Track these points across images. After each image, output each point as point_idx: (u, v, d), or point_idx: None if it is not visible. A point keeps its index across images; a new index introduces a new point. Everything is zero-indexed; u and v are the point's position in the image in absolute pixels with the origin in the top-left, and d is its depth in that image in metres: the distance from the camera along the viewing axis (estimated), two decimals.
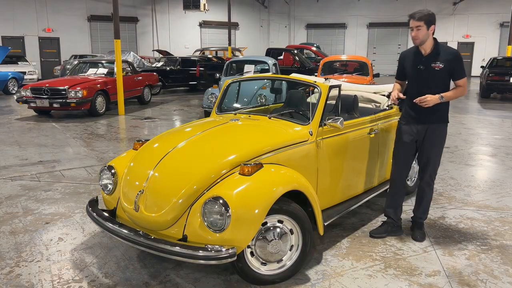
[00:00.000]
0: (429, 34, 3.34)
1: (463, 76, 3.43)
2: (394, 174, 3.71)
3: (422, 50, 3.43)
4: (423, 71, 3.42)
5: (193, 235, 2.70)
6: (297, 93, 4.39)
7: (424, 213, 3.69)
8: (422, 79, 3.43)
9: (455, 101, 14.01)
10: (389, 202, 3.73)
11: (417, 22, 3.30)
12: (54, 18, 23.79)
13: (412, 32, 3.34)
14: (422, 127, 3.49)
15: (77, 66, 12.19)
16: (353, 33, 29.43)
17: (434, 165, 3.56)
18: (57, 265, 3.19)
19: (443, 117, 3.52)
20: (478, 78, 21.14)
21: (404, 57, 3.62)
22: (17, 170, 5.74)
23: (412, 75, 3.53)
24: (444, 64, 3.35)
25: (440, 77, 3.39)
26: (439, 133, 3.50)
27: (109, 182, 3.27)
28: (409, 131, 3.55)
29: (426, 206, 3.67)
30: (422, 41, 3.35)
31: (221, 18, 27.51)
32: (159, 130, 8.80)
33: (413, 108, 3.49)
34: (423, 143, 3.52)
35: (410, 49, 3.60)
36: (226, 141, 3.27)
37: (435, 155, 3.53)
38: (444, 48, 3.42)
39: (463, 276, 3.05)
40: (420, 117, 3.48)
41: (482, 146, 7.36)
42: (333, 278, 3.01)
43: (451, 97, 3.42)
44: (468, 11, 26.96)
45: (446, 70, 3.36)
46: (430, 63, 3.38)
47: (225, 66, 10.50)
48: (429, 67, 3.38)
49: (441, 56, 3.37)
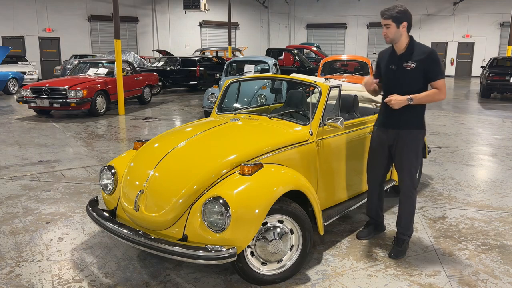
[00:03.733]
0: (401, 32, 3.13)
1: (439, 77, 3.11)
2: (368, 177, 3.58)
3: (397, 49, 3.23)
4: (395, 71, 3.21)
5: (193, 235, 2.70)
6: (297, 93, 4.39)
7: (406, 229, 3.35)
8: (393, 79, 3.23)
9: (456, 101, 14.02)
10: (369, 204, 3.66)
11: (385, 21, 3.13)
12: (54, 18, 23.80)
13: (383, 30, 3.18)
14: (393, 132, 3.27)
15: (77, 66, 12.19)
16: (353, 33, 29.43)
17: (409, 173, 3.26)
18: (57, 265, 3.19)
19: (415, 122, 3.23)
20: (478, 78, 21.16)
21: (380, 56, 3.45)
22: (17, 170, 5.74)
23: (385, 76, 3.33)
24: (416, 64, 3.11)
25: (412, 77, 3.15)
26: (411, 140, 3.22)
27: (109, 182, 3.27)
28: (380, 135, 3.37)
29: (407, 222, 3.33)
30: (392, 39, 3.16)
31: (221, 18, 27.52)
32: (159, 130, 8.80)
33: (385, 111, 3.30)
34: (395, 149, 3.29)
35: (387, 48, 3.38)
36: (226, 141, 3.27)
37: (409, 163, 3.24)
38: (418, 47, 3.18)
39: (463, 276, 3.05)
40: (390, 121, 3.28)
41: (482, 146, 7.36)
42: (333, 278, 3.01)
43: (422, 99, 3.12)
44: (468, 11, 26.95)
45: (419, 70, 3.11)
46: (402, 62, 3.17)
47: (225, 66, 10.50)
48: (401, 67, 3.17)
49: (414, 55, 3.14)
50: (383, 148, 3.39)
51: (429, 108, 11.56)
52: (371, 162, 3.56)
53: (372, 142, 3.53)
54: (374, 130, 3.51)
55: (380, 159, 3.44)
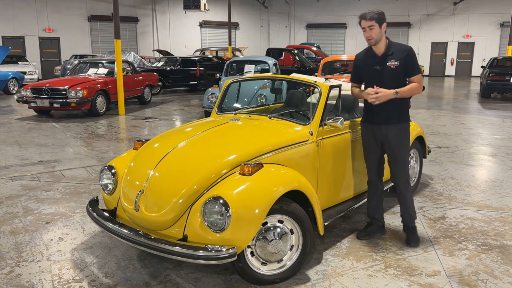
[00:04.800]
0: (382, 32, 3.32)
1: (417, 72, 3.37)
2: (369, 176, 3.67)
3: (376, 50, 3.40)
4: (380, 71, 3.37)
5: (193, 235, 2.71)
6: (297, 93, 4.39)
7: (411, 216, 3.57)
8: (379, 78, 3.37)
9: (456, 101, 14.03)
10: (369, 204, 3.71)
11: (369, 22, 3.28)
12: (55, 18, 23.80)
13: (366, 32, 3.33)
14: (383, 127, 3.43)
15: (78, 66, 12.20)
16: (353, 33, 29.40)
17: (403, 164, 3.49)
18: (58, 265, 3.19)
19: (403, 116, 3.45)
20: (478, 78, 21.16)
21: (359, 59, 3.58)
22: (17, 170, 5.74)
23: (369, 76, 3.47)
24: (399, 62, 3.32)
25: (396, 75, 3.35)
26: (400, 133, 3.43)
27: (110, 182, 3.28)
28: (370, 132, 3.51)
29: (410, 209, 3.57)
30: (376, 40, 3.32)
31: (221, 18, 27.52)
32: (159, 130, 8.80)
33: (372, 109, 3.43)
34: (386, 144, 3.46)
35: (363, 50, 3.57)
36: (226, 141, 3.27)
37: (401, 155, 3.46)
38: (397, 45, 3.41)
39: (464, 276, 3.05)
40: (379, 118, 3.42)
41: (482, 146, 7.36)
42: (333, 278, 3.01)
43: (406, 92, 3.33)
44: (468, 11, 26.95)
45: (401, 67, 3.33)
46: (386, 62, 3.35)
47: (225, 66, 10.51)
48: (385, 66, 3.35)
49: (395, 54, 3.34)
50: (376, 142, 3.52)
51: (429, 108, 11.55)
52: (368, 160, 3.64)
53: (364, 140, 3.62)
54: (363, 127, 3.60)
55: (377, 155, 3.57)
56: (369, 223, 3.76)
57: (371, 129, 3.51)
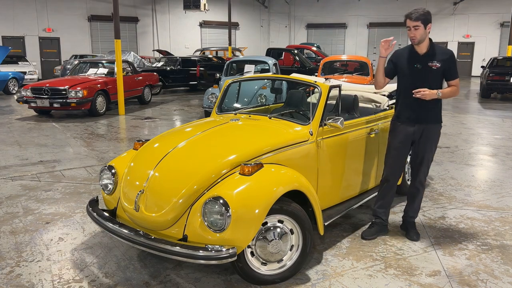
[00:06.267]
0: (426, 33, 3.36)
1: (457, 76, 3.47)
2: (388, 175, 3.67)
3: (418, 49, 3.44)
4: (420, 70, 3.43)
5: (193, 235, 2.70)
6: (297, 93, 4.39)
7: (416, 212, 3.71)
8: (418, 77, 3.43)
9: (456, 101, 14.02)
10: (380, 203, 3.71)
11: (415, 22, 3.31)
12: (55, 18, 23.80)
13: (410, 32, 3.35)
14: (419, 127, 3.49)
15: (78, 66, 12.19)
16: (353, 33, 29.42)
17: (428, 164, 3.59)
18: (58, 265, 3.19)
19: (438, 117, 3.54)
20: (478, 78, 21.16)
21: (398, 55, 3.59)
22: (17, 170, 5.74)
23: (408, 74, 3.50)
24: (440, 64, 3.38)
25: (435, 76, 3.42)
26: (435, 133, 3.52)
27: (110, 182, 3.27)
28: (405, 131, 3.54)
29: (418, 205, 3.70)
30: (420, 40, 3.36)
31: (221, 18, 27.51)
32: (159, 130, 8.80)
33: (409, 107, 3.50)
34: (418, 144, 3.53)
35: (404, 48, 3.59)
36: (226, 141, 3.27)
37: (430, 155, 3.56)
38: (439, 48, 3.46)
39: (464, 276, 3.05)
40: (416, 117, 3.48)
41: (482, 146, 7.36)
42: (333, 278, 3.01)
43: (446, 94, 3.42)
44: (468, 11, 26.95)
45: (441, 69, 3.40)
46: (427, 62, 3.40)
47: (225, 66, 10.50)
48: (426, 66, 3.41)
49: (438, 55, 3.40)
50: (407, 143, 3.57)
51: None
52: (392, 158, 3.64)
53: (396, 138, 3.61)
54: (397, 125, 3.60)
55: (405, 154, 3.65)
56: (373, 222, 3.77)
57: (405, 127, 3.54)
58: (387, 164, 3.69)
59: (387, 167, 3.68)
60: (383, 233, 3.72)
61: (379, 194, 3.76)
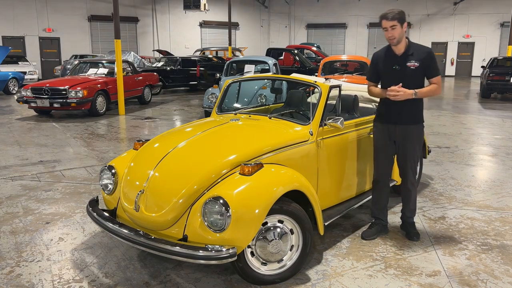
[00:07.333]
0: (403, 32, 3.33)
1: (437, 74, 3.41)
2: (376, 176, 3.68)
3: (396, 50, 3.41)
4: (399, 71, 3.39)
5: (194, 235, 2.70)
6: (297, 93, 4.39)
7: (412, 212, 3.69)
8: (398, 79, 3.37)
9: (456, 101, 14.02)
10: (375, 204, 3.72)
11: (391, 22, 3.28)
12: (55, 18, 23.81)
13: (388, 32, 3.32)
14: (398, 127, 3.46)
15: (78, 66, 12.20)
16: (353, 33, 29.42)
17: (414, 163, 3.55)
18: (58, 265, 3.19)
19: (417, 117, 3.49)
20: (478, 78, 21.16)
21: (377, 58, 3.56)
22: (17, 170, 5.74)
23: (387, 76, 3.47)
24: (419, 63, 3.34)
25: (415, 76, 3.37)
26: (416, 133, 3.48)
27: (110, 182, 3.27)
28: (386, 131, 3.53)
29: (414, 205, 3.67)
30: (398, 40, 3.33)
31: (221, 18, 27.52)
32: (160, 130, 8.80)
33: (388, 108, 3.47)
34: (401, 144, 3.50)
35: (381, 49, 3.56)
36: (226, 141, 3.27)
37: (415, 154, 3.52)
38: (417, 46, 3.42)
39: (464, 276, 3.05)
40: (395, 118, 3.45)
41: (482, 146, 7.36)
42: (333, 278, 3.01)
43: (424, 93, 3.37)
44: (468, 11, 26.95)
45: (420, 68, 3.35)
46: (405, 62, 3.37)
47: (225, 66, 10.51)
48: (405, 66, 3.37)
49: (415, 55, 3.35)
50: (390, 143, 3.55)
51: (429, 108, 11.56)
52: (379, 159, 3.64)
53: (377, 138, 3.62)
54: (377, 126, 3.60)
55: (389, 153, 3.61)
56: (373, 223, 3.77)
57: (386, 128, 3.53)
58: (374, 166, 3.70)
59: (375, 168, 3.70)
60: (383, 233, 3.72)
61: (373, 197, 3.76)
